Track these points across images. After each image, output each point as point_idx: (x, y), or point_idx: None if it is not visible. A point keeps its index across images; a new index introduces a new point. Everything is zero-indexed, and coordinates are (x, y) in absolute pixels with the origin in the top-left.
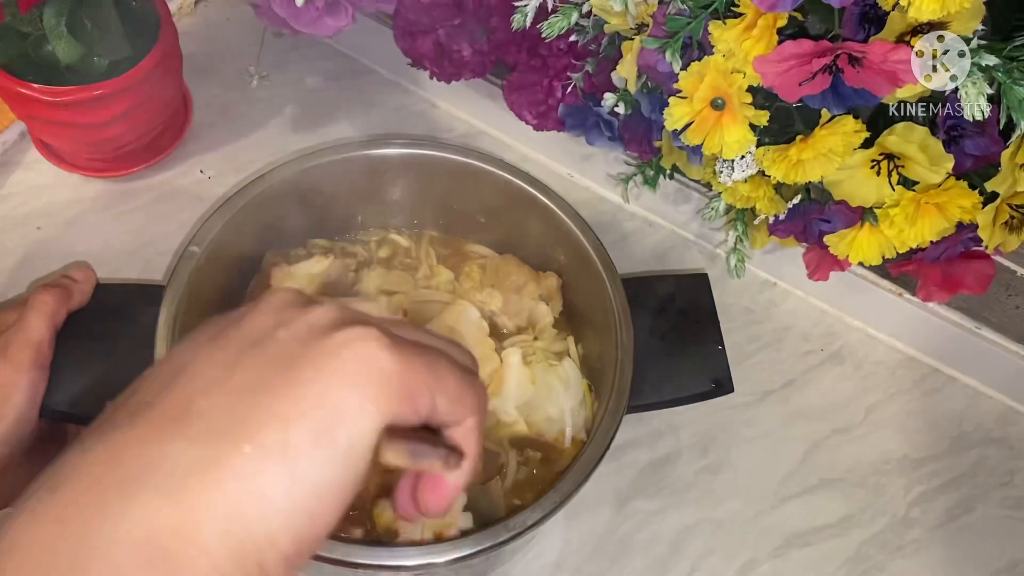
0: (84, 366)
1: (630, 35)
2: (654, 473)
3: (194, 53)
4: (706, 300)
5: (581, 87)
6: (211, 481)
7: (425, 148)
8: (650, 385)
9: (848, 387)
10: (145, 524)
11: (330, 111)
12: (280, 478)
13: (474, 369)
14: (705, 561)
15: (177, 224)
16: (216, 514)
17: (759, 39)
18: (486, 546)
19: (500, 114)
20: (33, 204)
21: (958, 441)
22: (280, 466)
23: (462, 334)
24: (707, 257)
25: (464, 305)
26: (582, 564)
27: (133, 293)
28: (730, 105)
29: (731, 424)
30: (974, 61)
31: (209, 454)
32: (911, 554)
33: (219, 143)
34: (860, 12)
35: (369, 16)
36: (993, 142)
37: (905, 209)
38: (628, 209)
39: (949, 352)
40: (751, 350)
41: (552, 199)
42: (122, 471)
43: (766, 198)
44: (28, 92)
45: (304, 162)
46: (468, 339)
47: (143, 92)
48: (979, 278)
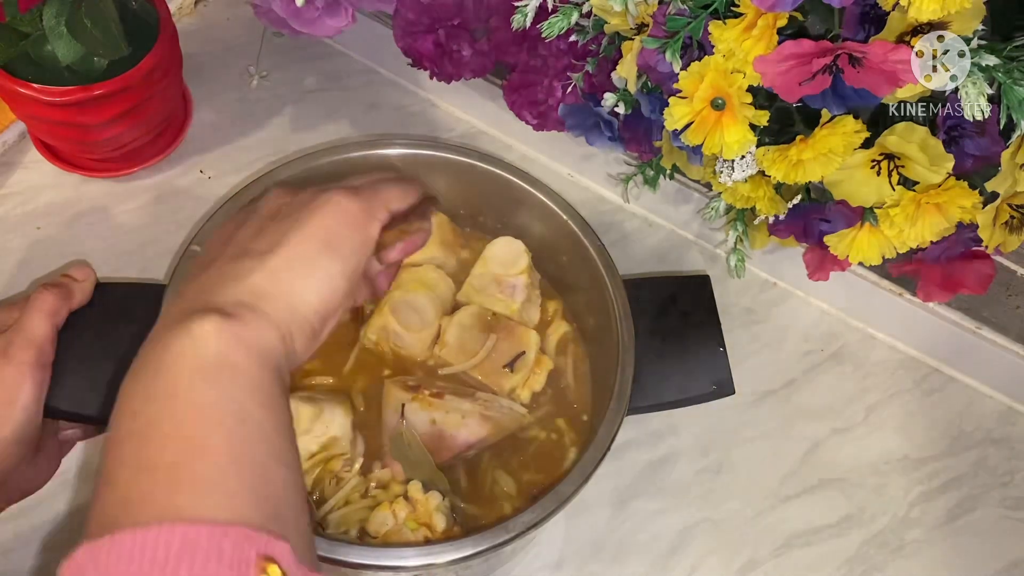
0: (85, 365)
1: (630, 35)
2: (654, 473)
3: (194, 53)
4: (707, 302)
5: (581, 87)
6: (267, 271)
7: (425, 148)
8: (651, 386)
9: (848, 387)
10: (232, 295)
11: (330, 111)
12: (304, 272)
13: (402, 178)
14: (705, 561)
15: (177, 224)
16: (272, 288)
17: (759, 39)
18: (486, 546)
19: (500, 114)
20: (33, 204)
21: (958, 441)
22: (305, 266)
23: None
24: (707, 257)
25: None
26: (582, 564)
27: (134, 292)
28: (730, 105)
29: (731, 424)
30: (974, 61)
31: (264, 261)
32: (911, 554)
33: (219, 143)
34: (860, 12)
35: (369, 16)
36: (993, 142)
37: (905, 209)
38: (628, 209)
39: (949, 352)
40: (751, 350)
41: (552, 199)
42: (215, 278)
43: (766, 198)
44: (28, 92)
45: (304, 162)
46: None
47: (143, 92)
48: (979, 278)
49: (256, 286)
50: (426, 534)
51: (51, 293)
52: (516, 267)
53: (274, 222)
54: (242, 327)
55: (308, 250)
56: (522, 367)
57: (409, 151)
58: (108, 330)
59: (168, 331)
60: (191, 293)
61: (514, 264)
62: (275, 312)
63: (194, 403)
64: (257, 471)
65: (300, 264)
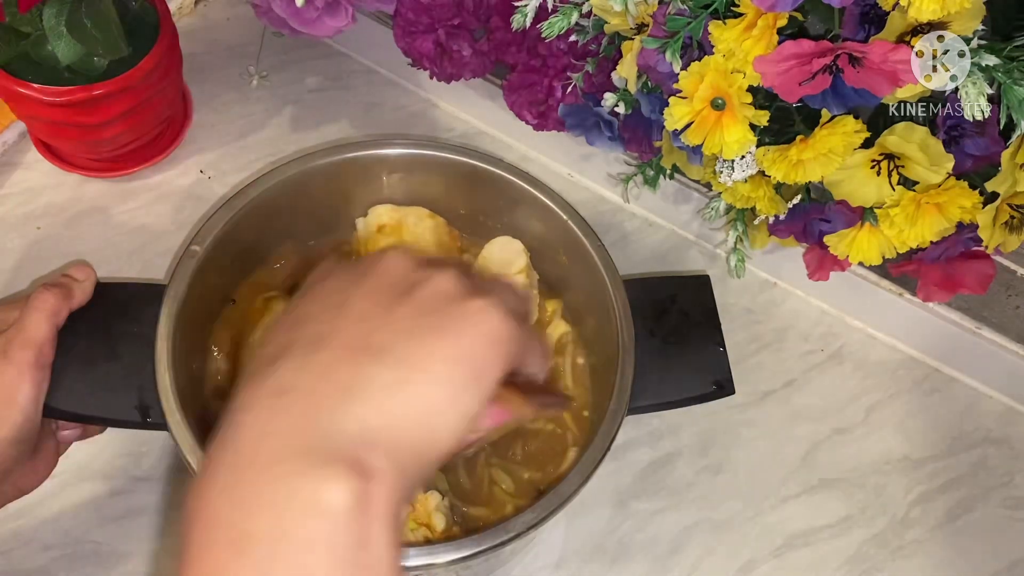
0: (85, 365)
1: (630, 35)
2: (654, 473)
3: (194, 53)
4: (708, 302)
5: (581, 87)
6: (403, 397)
7: (425, 148)
8: (651, 386)
9: (848, 387)
10: (358, 423)
11: (330, 111)
12: (447, 405)
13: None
14: (705, 561)
15: (177, 224)
16: (407, 423)
17: (759, 39)
18: (486, 546)
19: (500, 114)
20: (33, 204)
21: (958, 441)
22: (448, 399)
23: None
24: (707, 257)
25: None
26: (582, 564)
27: (134, 292)
28: (730, 105)
29: (731, 424)
30: (974, 61)
31: (400, 376)
32: (911, 554)
33: (219, 143)
34: (860, 12)
35: (369, 16)
36: (993, 142)
37: (905, 209)
38: (628, 209)
39: (949, 352)
40: (751, 350)
41: (552, 199)
42: (334, 383)
43: (766, 198)
44: (28, 92)
45: (304, 162)
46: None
47: (143, 92)
48: (979, 278)
49: (388, 416)
50: (426, 534)
51: (51, 293)
52: (514, 267)
53: (402, 306)
54: (377, 495)
55: (455, 376)
56: None
57: (409, 151)
58: (108, 330)
59: (286, 477)
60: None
61: (512, 263)
62: (409, 463)
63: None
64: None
65: (443, 393)
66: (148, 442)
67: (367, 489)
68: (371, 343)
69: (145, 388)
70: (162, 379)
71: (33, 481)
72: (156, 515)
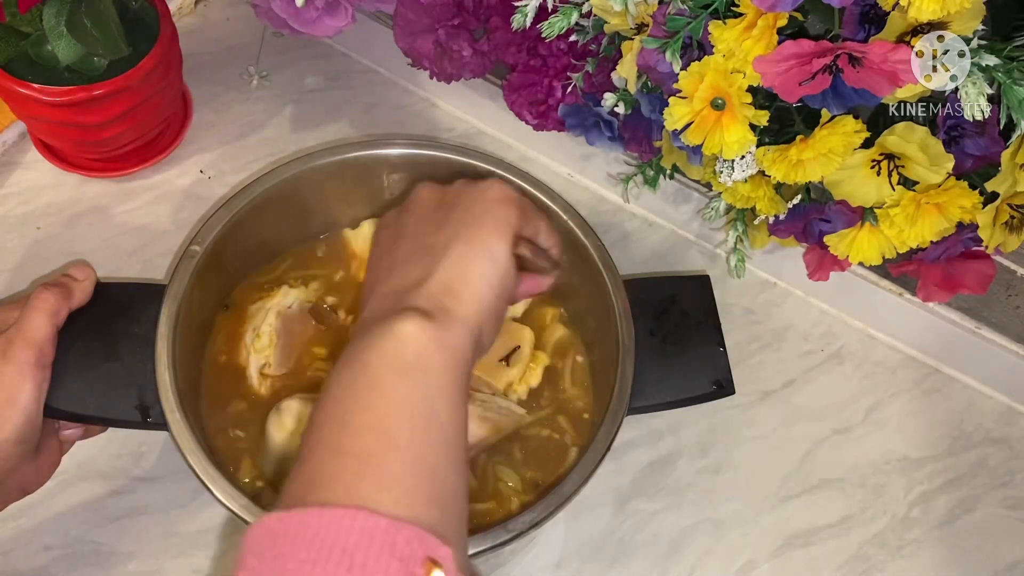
0: (85, 365)
1: (630, 35)
2: (654, 473)
3: (194, 53)
4: (708, 302)
5: (581, 87)
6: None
7: (425, 148)
8: (651, 386)
9: (848, 387)
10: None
11: (330, 111)
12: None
13: None
14: (705, 561)
15: (177, 224)
16: (463, 286)
17: (759, 39)
18: (486, 547)
19: (500, 114)
20: (33, 204)
21: (958, 441)
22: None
23: None
24: (707, 257)
25: None
26: (582, 564)
27: (134, 292)
28: (730, 105)
29: (731, 424)
30: (974, 61)
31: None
32: (911, 554)
33: (219, 143)
34: (860, 12)
35: (369, 16)
36: (993, 142)
37: (905, 209)
38: (628, 209)
39: (949, 352)
40: (751, 350)
41: (552, 199)
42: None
43: (766, 198)
44: (28, 92)
45: (304, 162)
46: None
47: (143, 92)
48: (979, 278)
49: (445, 282)
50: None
51: (51, 293)
52: None
53: (441, 213)
54: (440, 330)
55: (482, 235)
56: (518, 361)
57: (409, 151)
58: (108, 330)
59: (374, 328)
60: (388, 289)
61: None
62: (467, 309)
63: (390, 399)
64: (434, 473)
65: (479, 251)
66: (148, 442)
67: (430, 327)
68: (427, 245)
69: (145, 388)
70: (162, 379)
71: (36, 481)
72: (156, 515)
